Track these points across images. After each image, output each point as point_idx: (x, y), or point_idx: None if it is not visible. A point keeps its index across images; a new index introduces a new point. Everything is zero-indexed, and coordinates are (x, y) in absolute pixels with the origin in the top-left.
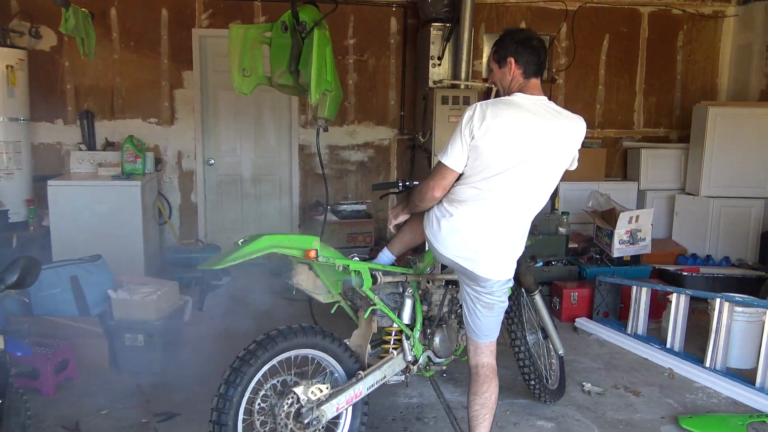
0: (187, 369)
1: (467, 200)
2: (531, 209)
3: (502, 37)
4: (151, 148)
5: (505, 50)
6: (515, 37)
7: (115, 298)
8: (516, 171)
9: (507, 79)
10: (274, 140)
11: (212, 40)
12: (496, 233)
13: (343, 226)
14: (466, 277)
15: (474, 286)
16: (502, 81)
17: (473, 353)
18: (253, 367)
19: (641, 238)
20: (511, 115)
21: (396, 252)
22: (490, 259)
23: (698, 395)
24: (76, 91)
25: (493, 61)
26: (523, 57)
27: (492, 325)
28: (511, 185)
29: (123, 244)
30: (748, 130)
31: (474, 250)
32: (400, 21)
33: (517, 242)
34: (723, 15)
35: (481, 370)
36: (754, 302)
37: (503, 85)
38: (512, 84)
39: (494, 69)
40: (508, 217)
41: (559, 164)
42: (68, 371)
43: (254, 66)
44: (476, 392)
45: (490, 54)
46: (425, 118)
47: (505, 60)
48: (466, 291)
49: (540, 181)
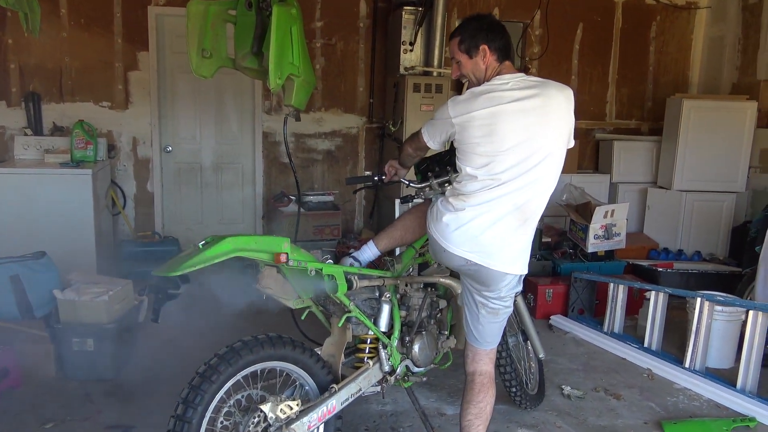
0: (143, 376)
1: (474, 192)
2: (542, 194)
3: (465, 26)
4: (104, 134)
5: (474, 38)
6: (482, 24)
7: (61, 299)
8: (520, 153)
9: (481, 68)
10: (237, 127)
11: (170, 19)
12: (507, 223)
13: (309, 218)
14: (474, 279)
15: (482, 290)
16: (475, 72)
17: (471, 360)
18: (215, 384)
19: (616, 233)
20: (498, 101)
21: (382, 248)
22: (503, 251)
23: (679, 398)
24: (21, 71)
25: (460, 53)
26: (496, 42)
27: (495, 331)
28: (518, 170)
29: (72, 237)
30: (721, 123)
31: (485, 243)
32: (370, 4)
33: (530, 232)
34: (696, 6)
35: (478, 378)
36: (735, 302)
37: (477, 76)
38: (488, 72)
39: (462, 61)
40: (518, 205)
41: (561, 137)
42: (9, 380)
43: (216, 46)
44: (471, 401)
45: (454, 45)
46: (396, 107)
47: (477, 49)
48: (470, 296)
49: (547, 161)
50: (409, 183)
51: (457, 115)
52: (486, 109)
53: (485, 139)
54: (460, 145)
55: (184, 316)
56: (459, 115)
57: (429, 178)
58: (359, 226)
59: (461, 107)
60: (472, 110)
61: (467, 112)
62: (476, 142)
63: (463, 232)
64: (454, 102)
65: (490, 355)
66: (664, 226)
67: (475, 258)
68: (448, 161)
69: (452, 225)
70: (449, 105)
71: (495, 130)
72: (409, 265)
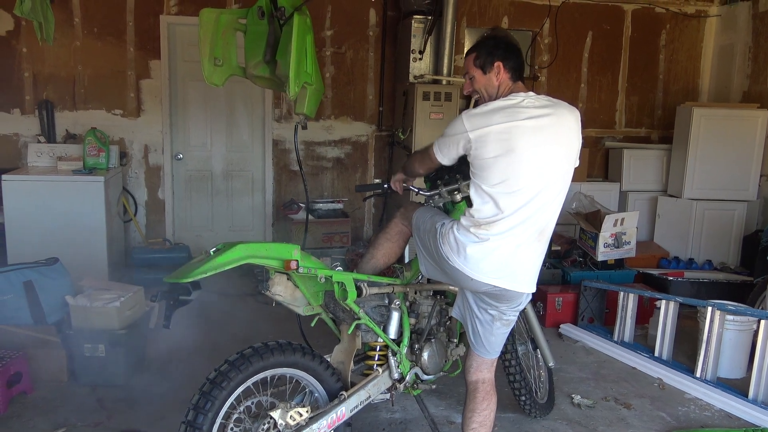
0: (153, 381)
1: (496, 221)
2: (555, 212)
3: (483, 42)
4: (116, 141)
5: (490, 55)
6: (500, 41)
7: (73, 305)
8: (536, 171)
9: (494, 85)
10: (247, 134)
11: (181, 28)
12: (531, 246)
13: (318, 226)
14: (494, 299)
15: (500, 306)
16: (488, 88)
17: (475, 369)
18: (225, 391)
19: (626, 242)
20: (515, 117)
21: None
22: (528, 273)
23: (690, 407)
24: (35, 79)
25: (475, 68)
26: (511, 61)
27: (503, 340)
28: (536, 192)
29: (84, 244)
30: (732, 131)
31: (512, 268)
32: (380, 13)
33: (545, 248)
34: (706, 15)
35: (481, 386)
36: (747, 311)
37: (489, 93)
38: (500, 89)
39: (476, 76)
40: (539, 228)
41: (571, 157)
42: (22, 385)
43: (227, 55)
44: (475, 409)
45: (469, 60)
46: (405, 114)
47: (492, 65)
48: (484, 311)
49: (560, 180)
50: (418, 191)
51: (474, 129)
52: (503, 123)
53: (502, 154)
54: (475, 160)
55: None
56: (476, 128)
57: (438, 186)
58: (368, 233)
59: (478, 121)
60: (489, 124)
61: (484, 126)
62: (493, 157)
63: (490, 261)
64: (470, 115)
65: (493, 362)
66: (674, 235)
67: (502, 283)
68: (457, 169)
69: (478, 255)
70: (464, 119)
71: (513, 146)
72: (418, 272)
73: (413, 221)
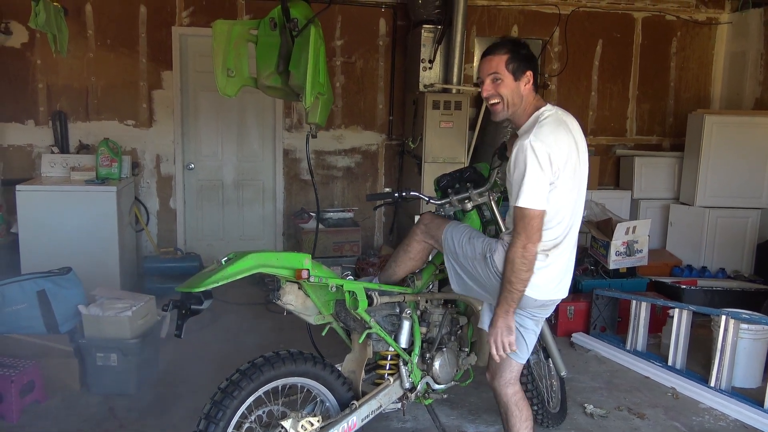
0: (165, 391)
1: (560, 242)
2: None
3: (516, 46)
4: (128, 152)
5: (525, 62)
6: (530, 52)
7: (86, 314)
8: (581, 190)
9: (519, 94)
10: (258, 144)
11: (193, 39)
12: (573, 255)
13: (328, 235)
14: (541, 308)
15: (541, 314)
16: (514, 95)
17: (508, 379)
18: (237, 400)
19: (638, 250)
20: (567, 135)
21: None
22: (570, 280)
23: (705, 417)
24: (49, 90)
25: (507, 72)
26: (536, 74)
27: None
28: (578, 208)
29: (97, 253)
30: (744, 139)
31: (566, 280)
32: (390, 22)
33: None
34: (717, 22)
35: (513, 398)
36: (761, 319)
37: (513, 100)
38: (526, 99)
39: (506, 80)
40: (576, 236)
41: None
42: (34, 394)
43: (239, 66)
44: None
45: (501, 61)
46: (415, 123)
47: (524, 73)
48: (526, 318)
49: (585, 190)
50: (429, 199)
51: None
52: (568, 137)
53: (564, 180)
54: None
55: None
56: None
57: (449, 194)
58: (379, 242)
59: (550, 143)
60: (558, 141)
61: (555, 144)
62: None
63: (552, 278)
64: (535, 142)
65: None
66: (687, 243)
67: (558, 295)
68: (468, 177)
69: (546, 277)
70: (535, 149)
71: (569, 171)
72: (429, 281)
73: (445, 243)
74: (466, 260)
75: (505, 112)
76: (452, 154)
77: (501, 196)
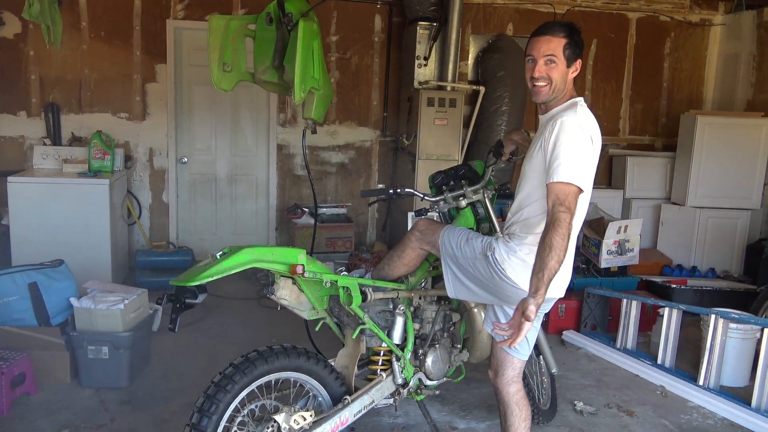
0: (157, 384)
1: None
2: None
3: (573, 30)
4: (121, 145)
5: (579, 49)
6: (582, 39)
7: (77, 307)
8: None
9: (564, 81)
10: (252, 139)
11: (188, 32)
12: (573, 252)
13: (322, 230)
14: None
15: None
16: (562, 81)
17: (511, 377)
18: (230, 394)
19: (629, 249)
20: (597, 127)
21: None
22: (569, 277)
23: (693, 415)
24: (42, 82)
25: (563, 56)
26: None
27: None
28: (588, 200)
29: (89, 246)
30: (736, 140)
31: (568, 277)
32: (385, 19)
33: None
34: (710, 23)
35: (515, 396)
36: (750, 319)
37: (559, 85)
38: (568, 86)
39: (559, 64)
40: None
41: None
42: (25, 386)
43: (236, 60)
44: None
45: (559, 44)
46: (410, 120)
47: (575, 61)
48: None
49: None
50: (423, 196)
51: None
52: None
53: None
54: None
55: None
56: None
57: (443, 191)
58: (372, 238)
59: (591, 126)
60: (596, 128)
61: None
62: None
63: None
64: (580, 120)
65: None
66: (677, 243)
67: (561, 292)
68: (462, 175)
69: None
70: (581, 126)
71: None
72: (422, 278)
73: (443, 248)
74: (466, 262)
75: (549, 95)
76: (446, 152)
77: (495, 193)
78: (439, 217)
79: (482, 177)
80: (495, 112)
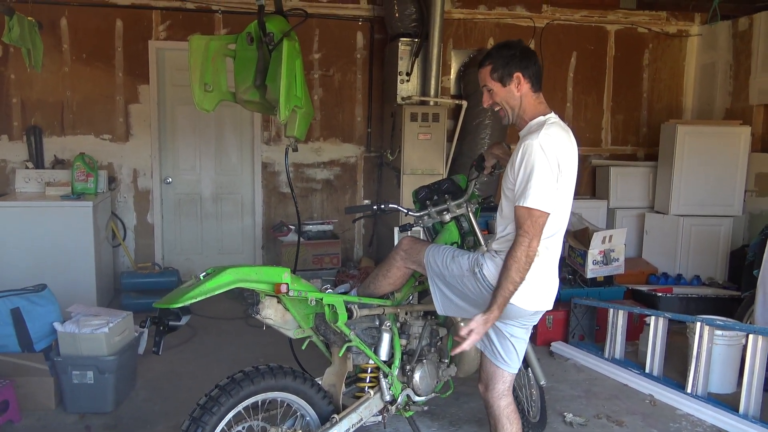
0: (143, 408)
1: (548, 249)
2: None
3: (496, 54)
4: (104, 166)
5: (508, 65)
6: (514, 51)
7: (61, 332)
8: (568, 201)
9: (515, 97)
10: (236, 157)
11: (170, 52)
12: (557, 264)
13: (308, 247)
14: (531, 318)
15: (528, 321)
16: (509, 100)
17: (509, 389)
18: (216, 416)
19: (614, 258)
20: (570, 142)
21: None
22: (556, 289)
23: (682, 424)
24: (23, 105)
25: (493, 81)
26: (529, 69)
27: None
28: (567, 216)
29: (73, 269)
30: (716, 148)
31: (554, 290)
32: (367, 36)
33: None
34: (687, 34)
35: (506, 410)
36: (735, 326)
37: (511, 105)
38: (524, 101)
39: (495, 89)
40: (561, 247)
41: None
42: (9, 413)
43: (217, 80)
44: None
45: (485, 73)
46: (393, 136)
47: (511, 77)
48: (515, 327)
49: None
50: (407, 211)
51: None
52: (570, 144)
53: (564, 183)
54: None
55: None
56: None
57: (427, 206)
58: (358, 254)
59: (556, 146)
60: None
61: (562, 148)
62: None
63: (544, 288)
64: (542, 142)
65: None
66: (662, 251)
67: (549, 305)
68: (446, 189)
69: (538, 289)
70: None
71: (567, 175)
72: (408, 293)
73: (428, 266)
74: (453, 279)
75: (511, 116)
76: (430, 166)
77: (479, 207)
78: (424, 232)
79: (465, 191)
80: (478, 125)
